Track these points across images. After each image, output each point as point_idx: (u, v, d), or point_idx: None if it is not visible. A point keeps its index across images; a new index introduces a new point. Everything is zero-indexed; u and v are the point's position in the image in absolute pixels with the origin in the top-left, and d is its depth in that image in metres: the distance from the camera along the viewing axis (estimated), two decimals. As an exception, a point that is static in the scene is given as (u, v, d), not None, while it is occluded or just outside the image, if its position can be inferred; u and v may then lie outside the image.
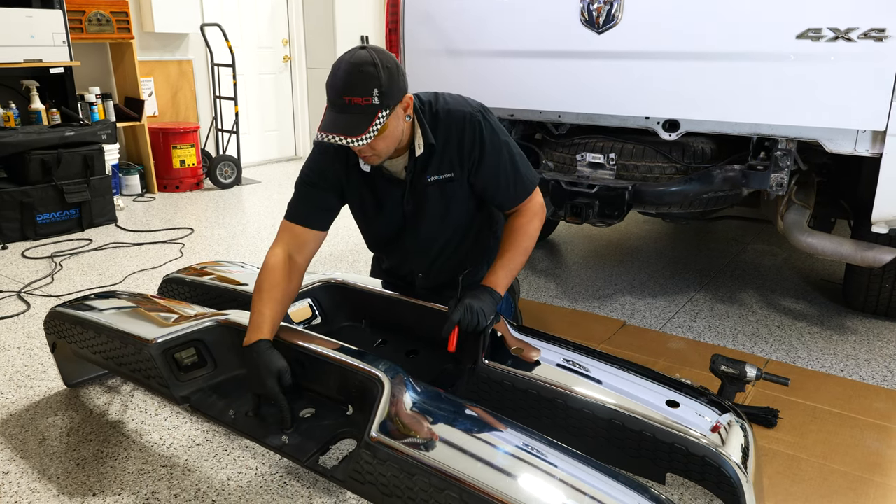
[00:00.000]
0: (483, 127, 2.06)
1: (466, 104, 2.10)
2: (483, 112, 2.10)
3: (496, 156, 2.08)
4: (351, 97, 1.77)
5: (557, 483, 1.41)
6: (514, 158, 2.12)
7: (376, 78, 1.77)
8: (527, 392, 1.89)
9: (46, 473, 2.07)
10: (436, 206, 2.13)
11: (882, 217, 2.59)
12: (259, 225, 5.04)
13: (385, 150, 1.93)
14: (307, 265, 2.11)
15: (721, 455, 1.62)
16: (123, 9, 5.47)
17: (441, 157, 2.07)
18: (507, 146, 2.12)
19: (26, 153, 4.48)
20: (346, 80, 1.78)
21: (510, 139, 2.15)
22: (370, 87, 1.77)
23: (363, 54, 1.79)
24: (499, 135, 2.10)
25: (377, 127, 1.80)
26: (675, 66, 2.83)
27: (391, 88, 1.81)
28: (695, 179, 2.99)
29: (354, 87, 1.77)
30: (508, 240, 2.13)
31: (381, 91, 1.78)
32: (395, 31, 3.59)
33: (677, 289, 3.76)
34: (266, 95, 7.38)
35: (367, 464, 1.51)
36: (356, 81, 1.77)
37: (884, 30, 2.39)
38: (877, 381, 2.72)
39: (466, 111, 2.07)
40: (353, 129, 1.78)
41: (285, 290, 1.99)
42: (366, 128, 1.78)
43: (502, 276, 2.07)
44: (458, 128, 2.05)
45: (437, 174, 2.08)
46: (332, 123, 1.80)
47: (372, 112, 1.78)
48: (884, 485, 2.05)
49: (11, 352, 2.87)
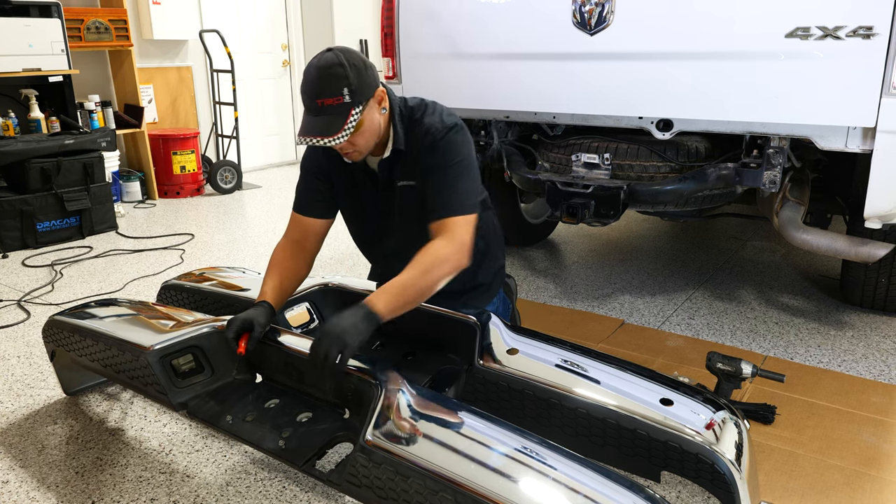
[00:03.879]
0: (442, 140, 2.03)
1: (439, 117, 2.08)
2: (452, 129, 2.06)
3: (442, 168, 2.03)
4: (323, 99, 1.85)
5: (552, 483, 1.42)
6: (458, 177, 2.02)
7: (345, 77, 1.85)
8: (522, 392, 1.89)
9: (46, 482, 2.09)
10: (408, 210, 2.15)
11: (874, 213, 2.60)
12: (260, 230, 5.06)
13: (365, 144, 1.98)
14: (317, 249, 2.24)
15: (715, 452, 1.62)
16: (122, 17, 5.50)
17: (408, 164, 2.10)
18: (459, 165, 2.03)
19: (26, 162, 4.50)
20: (317, 83, 1.86)
21: (470, 163, 2.07)
22: (340, 86, 1.85)
23: (329, 56, 1.87)
24: (457, 152, 2.04)
25: (352, 124, 1.87)
26: (667, 66, 2.85)
27: (361, 85, 1.87)
28: (689, 178, 3.00)
29: (325, 90, 1.85)
30: (413, 260, 1.90)
31: (351, 89, 1.85)
32: (391, 35, 3.60)
33: (676, 287, 3.76)
34: (266, 100, 7.41)
35: (363, 467, 1.52)
36: (326, 84, 1.85)
37: (871, 27, 2.40)
38: (874, 376, 2.73)
39: (436, 124, 2.05)
40: (329, 128, 1.86)
41: (289, 268, 2.14)
42: (341, 126, 1.86)
43: (385, 296, 1.82)
44: (422, 137, 2.06)
45: (404, 180, 2.11)
46: (309, 126, 1.88)
47: (345, 110, 1.86)
48: (880, 479, 2.06)
49: (11, 361, 2.89)
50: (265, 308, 2.00)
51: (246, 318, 1.94)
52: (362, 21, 7.54)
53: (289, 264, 2.16)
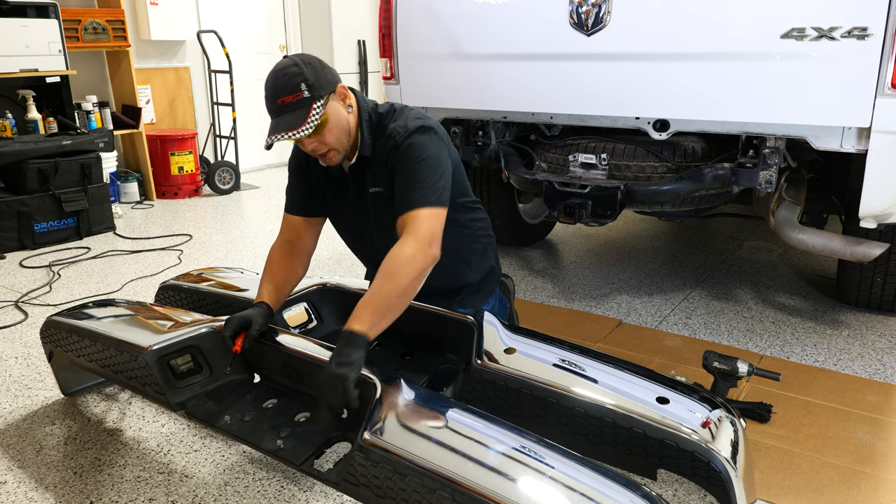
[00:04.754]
0: (403, 143, 2.01)
1: (404, 122, 2.05)
2: (417, 130, 2.03)
3: (404, 167, 2.01)
4: (282, 98, 1.92)
5: (549, 481, 1.43)
6: (422, 173, 1.99)
7: (300, 74, 1.91)
8: (520, 392, 1.90)
9: (44, 482, 2.09)
10: (381, 216, 2.16)
11: (869, 212, 2.61)
12: (258, 230, 5.06)
13: (336, 142, 2.01)
14: (312, 248, 2.26)
15: (711, 450, 1.63)
16: (119, 17, 5.50)
17: (376, 170, 2.11)
18: (424, 163, 2.00)
19: (23, 162, 4.51)
20: (274, 85, 1.93)
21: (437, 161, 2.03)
22: (296, 83, 1.90)
23: (284, 61, 1.96)
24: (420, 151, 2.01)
25: (315, 117, 1.91)
26: (664, 66, 2.86)
27: (318, 80, 1.93)
28: (686, 178, 3.00)
29: (282, 88, 1.91)
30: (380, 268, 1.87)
31: (308, 84, 1.91)
32: (389, 36, 3.61)
33: (673, 286, 3.78)
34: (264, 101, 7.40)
35: (361, 466, 1.53)
36: (283, 83, 1.92)
37: (866, 28, 2.41)
38: (869, 375, 2.74)
39: (398, 129, 2.04)
40: (293, 123, 1.91)
41: (285, 268, 2.17)
42: (304, 119, 1.90)
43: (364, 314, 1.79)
44: (388, 147, 2.05)
45: (374, 186, 2.13)
46: (274, 126, 1.94)
47: (306, 104, 1.91)
48: (875, 476, 2.07)
49: (9, 362, 2.89)
50: (263, 308, 2.02)
51: (244, 316, 1.95)
52: (360, 22, 7.55)
53: (285, 265, 2.18)
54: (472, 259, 2.39)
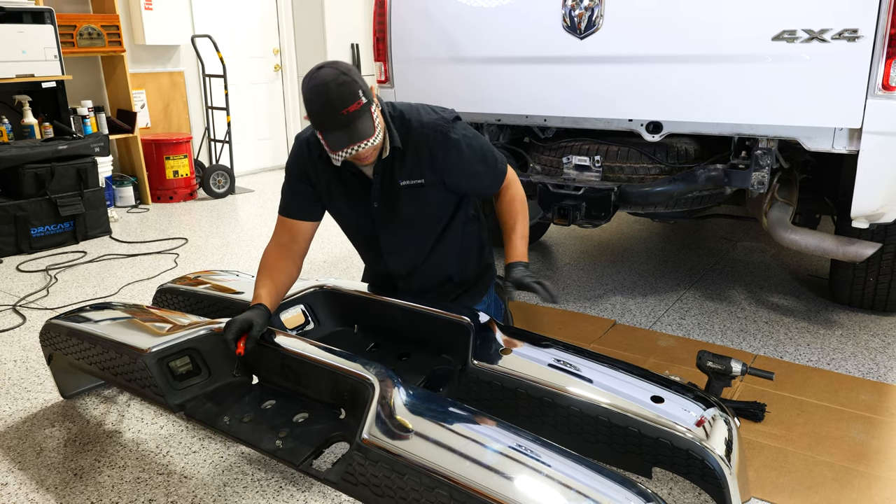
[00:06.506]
0: (451, 136, 2.14)
1: (438, 116, 2.18)
2: (452, 121, 2.19)
3: (470, 158, 2.18)
4: (347, 108, 1.88)
5: (545, 479, 1.44)
6: (483, 154, 2.23)
7: (354, 82, 1.90)
8: (515, 391, 1.92)
9: (44, 484, 2.10)
10: (409, 209, 2.21)
11: (861, 212, 2.64)
12: (253, 233, 5.07)
13: (381, 143, 2.05)
14: (305, 251, 2.29)
15: (705, 448, 1.65)
16: (114, 22, 5.51)
17: (412, 164, 2.15)
18: (473, 145, 2.20)
19: (20, 167, 4.51)
20: (334, 97, 1.88)
21: (477, 137, 2.25)
22: (354, 90, 1.89)
23: (329, 71, 1.90)
24: (466, 140, 2.19)
25: (378, 120, 1.96)
26: (656, 69, 2.88)
27: (365, 86, 1.95)
28: (679, 179, 3.03)
29: (346, 99, 1.88)
30: (509, 212, 2.29)
31: (363, 90, 1.92)
32: (383, 40, 3.63)
33: (667, 287, 3.80)
34: (258, 104, 7.42)
35: (360, 465, 1.55)
36: (341, 93, 1.87)
37: (856, 30, 2.44)
38: (862, 374, 2.76)
39: (438, 124, 2.15)
40: (365, 131, 1.92)
41: (280, 270, 2.19)
42: (373, 125, 1.93)
43: (521, 245, 2.25)
44: (431, 139, 2.13)
45: (408, 179, 2.16)
46: (343, 138, 1.91)
47: (367, 110, 1.92)
48: (868, 475, 2.10)
49: (8, 365, 2.90)
50: (262, 310, 2.03)
51: (244, 319, 1.97)
52: (354, 25, 7.56)
53: (280, 267, 2.19)
54: (468, 258, 2.42)
